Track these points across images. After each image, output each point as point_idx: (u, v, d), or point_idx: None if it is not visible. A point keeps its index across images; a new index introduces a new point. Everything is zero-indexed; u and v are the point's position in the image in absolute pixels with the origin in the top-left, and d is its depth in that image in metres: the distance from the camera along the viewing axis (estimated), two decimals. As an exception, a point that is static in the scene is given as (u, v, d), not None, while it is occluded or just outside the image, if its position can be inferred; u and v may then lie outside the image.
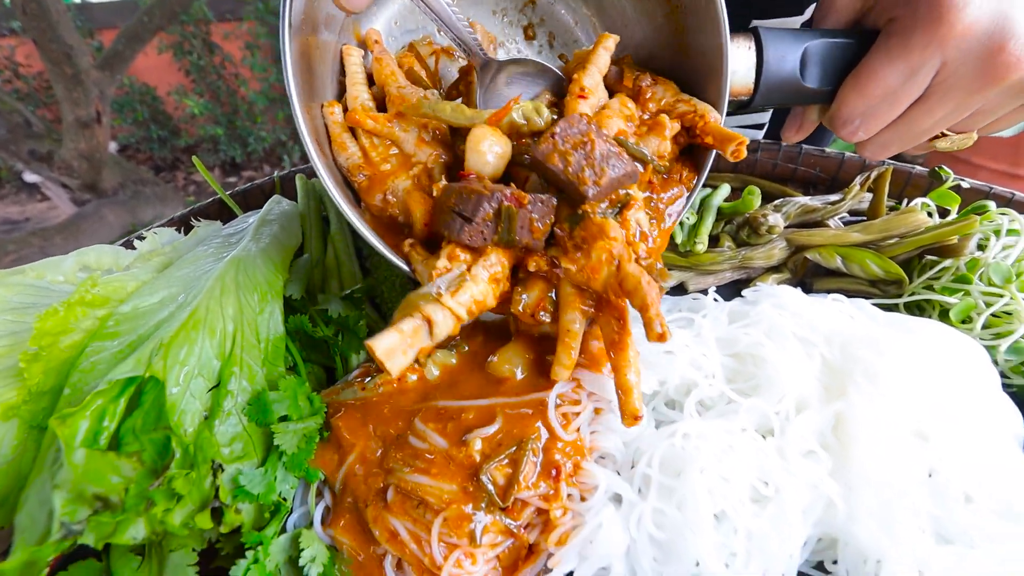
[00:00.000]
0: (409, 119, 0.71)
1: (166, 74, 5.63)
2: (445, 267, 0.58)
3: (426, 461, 0.59)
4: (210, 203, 1.11)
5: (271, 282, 0.79)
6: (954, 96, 0.62)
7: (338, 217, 0.98)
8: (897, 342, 0.70)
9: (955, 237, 0.86)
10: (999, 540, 0.56)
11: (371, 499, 0.58)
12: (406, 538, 0.56)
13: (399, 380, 0.65)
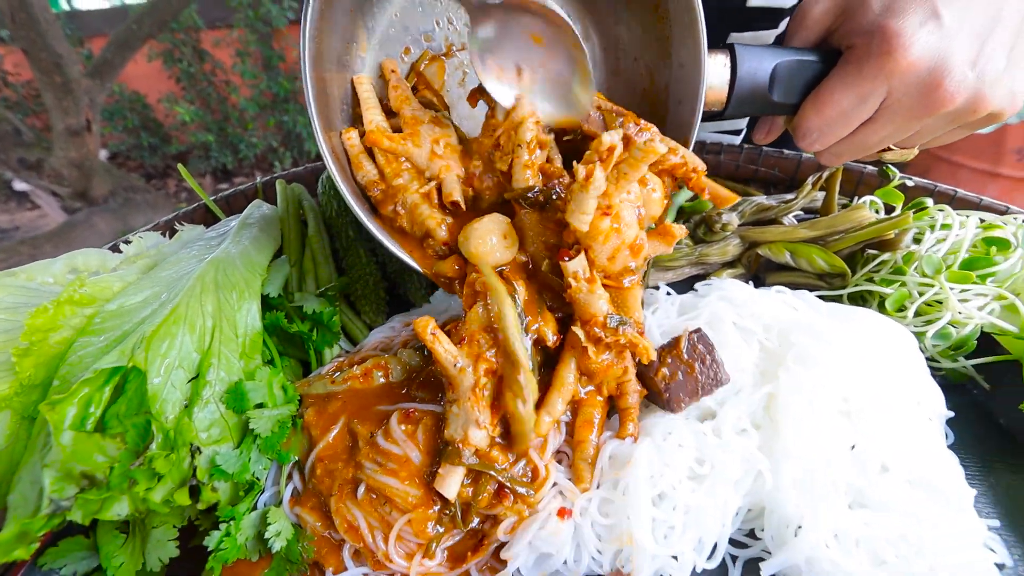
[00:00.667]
0: (421, 136, 0.76)
1: (156, 82, 5.66)
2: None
3: (397, 463, 0.63)
4: (195, 208, 1.15)
5: (249, 281, 0.84)
6: (897, 120, 0.71)
7: (316, 223, 1.03)
8: (830, 329, 0.76)
9: (892, 232, 0.92)
10: (909, 505, 0.61)
11: (336, 489, 0.63)
12: (364, 531, 0.60)
13: (365, 378, 0.70)
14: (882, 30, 0.65)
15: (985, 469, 0.74)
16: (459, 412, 0.61)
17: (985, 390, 0.84)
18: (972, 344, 0.83)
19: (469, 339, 0.63)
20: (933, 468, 0.65)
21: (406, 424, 0.65)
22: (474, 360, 0.62)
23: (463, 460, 0.59)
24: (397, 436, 0.63)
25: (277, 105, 5.85)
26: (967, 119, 0.71)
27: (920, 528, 0.58)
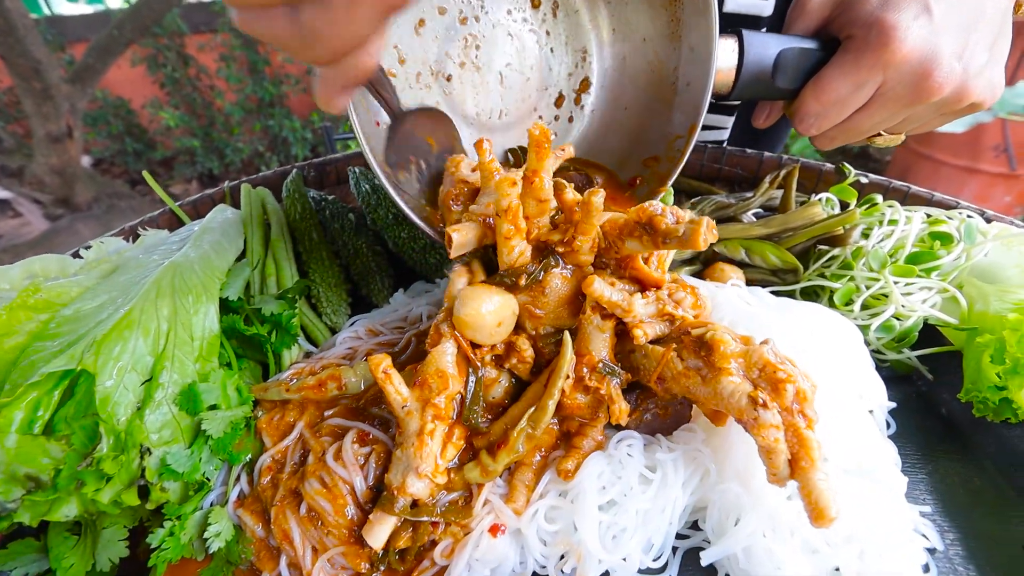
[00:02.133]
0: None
1: (140, 87, 5.63)
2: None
3: (340, 487, 0.61)
4: (160, 214, 1.16)
5: (207, 284, 0.84)
6: (889, 107, 0.75)
7: (279, 226, 1.04)
8: (776, 322, 0.78)
9: (841, 228, 0.94)
10: (845, 494, 0.63)
11: (279, 498, 0.63)
12: (297, 545, 0.60)
13: (318, 388, 0.71)
14: (880, 23, 0.69)
15: (925, 457, 0.76)
16: (402, 457, 0.59)
17: (929, 381, 0.86)
18: (914, 336, 0.85)
19: (422, 382, 0.62)
20: (869, 458, 0.67)
21: (360, 446, 0.65)
22: (423, 404, 0.61)
23: (395, 509, 0.57)
24: (348, 459, 0.62)
25: (263, 110, 5.84)
26: (952, 107, 0.75)
27: (852, 516, 0.60)
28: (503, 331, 0.65)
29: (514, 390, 0.69)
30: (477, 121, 0.91)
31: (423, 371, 0.63)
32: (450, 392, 0.62)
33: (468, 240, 0.68)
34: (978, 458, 0.75)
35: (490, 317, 0.63)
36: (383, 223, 1.03)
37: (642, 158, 0.93)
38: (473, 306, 0.63)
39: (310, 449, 0.65)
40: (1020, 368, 0.72)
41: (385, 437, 0.65)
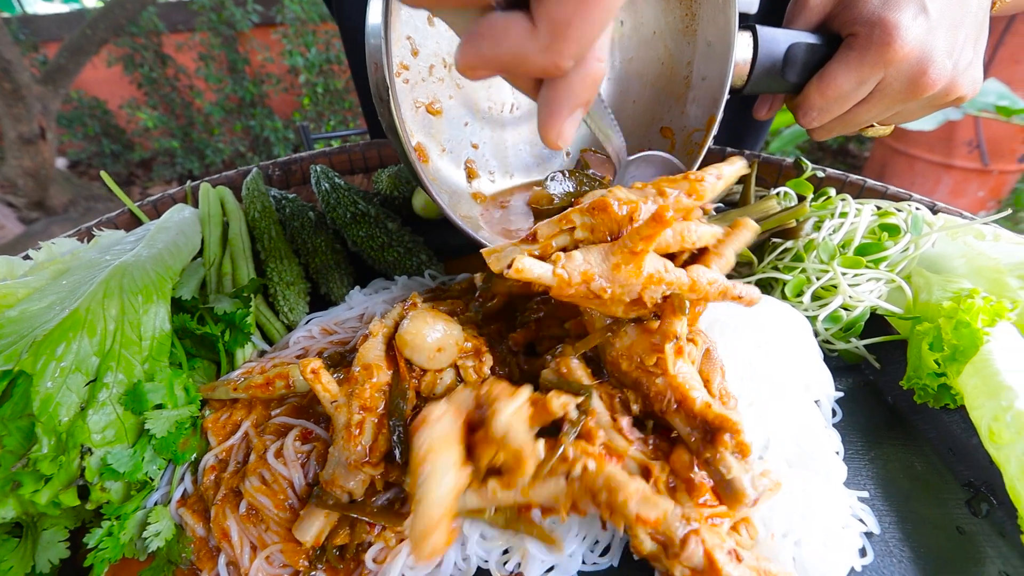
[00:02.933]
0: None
1: (117, 87, 5.55)
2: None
3: (280, 484, 0.61)
4: (119, 214, 1.15)
5: (158, 284, 0.84)
6: (886, 101, 0.79)
7: (238, 225, 1.03)
8: (728, 316, 0.79)
9: (793, 221, 0.96)
10: (789, 484, 0.64)
11: (221, 496, 0.63)
12: (235, 542, 0.60)
13: (266, 387, 0.71)
14: (883, 22, 0.72)
15: (869, 444, 0.77)
16: (334, 452, 0.60)
17: (876, 369, 0.88)
18: (860, 326, 0.87)
19: (349, 377, 0.63)
20: (811, 448, 0.68)
21: (302, 443, 0.65)
22: (348, 397, 0.61)
23: (327, 504, 0.57)
24: (288, 455, 0.62)
25: (243, 109, 5.78)
26: (941, 101, 0.80)
27: (789, 509, 0.61)
28: (443, 358, 0.66)
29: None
30: (489, 115, 0.91)
31: (357, 361, 0.63)
32: (375, 383, 0.62)
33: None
34: (919, 444, 0.77)
35: (430, 339, 0.64)
36: (342, 222, 1.03)
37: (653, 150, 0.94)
38: (416, 326, 0.64)
39: (253, 448, 0.65)
40: (958, 355, 0.74)
41: (327, 435, 0.65)
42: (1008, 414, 0.66)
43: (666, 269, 0.58)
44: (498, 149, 0.93)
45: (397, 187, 1.10)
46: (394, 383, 0.64)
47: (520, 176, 0.96)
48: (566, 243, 0.64)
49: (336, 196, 1.05)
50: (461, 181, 0.88)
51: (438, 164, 0.85)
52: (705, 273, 0.60)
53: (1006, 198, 4.12)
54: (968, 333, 0.73)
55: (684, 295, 0.58)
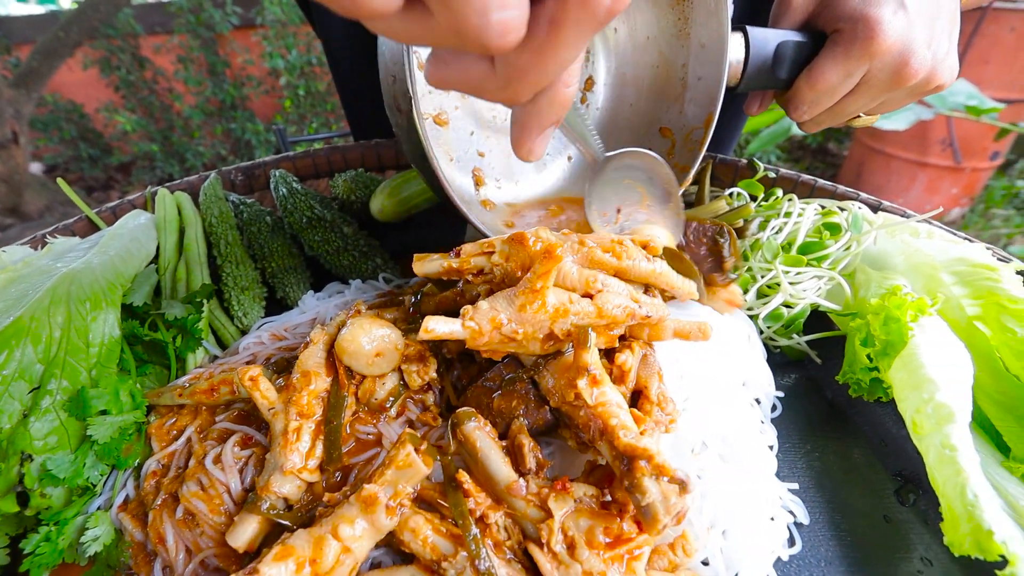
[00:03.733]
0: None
1: (94, 90, 5.47)
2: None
3: (216, 490, 0.62)
4: (76, 221, 1.14)
5: (108, 290, 0.84)
6: (872, 91, 0.83)
7: (194, 230, 1.04)
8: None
9: (740, 220, 0.98)
10: (716, 479, 0.66)
11: (160, 502, 0.63)
12: (171, 545, 0.60)
13: (210, 393, 0.71)
14: (865, 17, 0.76)
15: (806, 438, 0.80)
16: (270, 458, 0.61)
17: (818, 365, 0.90)
18: (799, 324, 0.89)
19: (287, 384, 0.64)
20: (743, 443, 0.70)
21: (242, 449, 0.66)
22: (285, 404, 0.63)
23: (260, 509, 0.58)
24: (227, 461, 0.63)
25: (224, 112, 5.73)
26: (922, 89, 0.83)
27: (719, 498, 0.63)
28: (383, 363, 0.67)
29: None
30: (493, 123, 0.94)
31: (296, 368, 0.64)
32: (313, 390, 0.63)
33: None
34: (855, 436, 0.80)
35: (368, 346, 0.65)
36: (298, 226, 1.04)
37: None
38: (353, 333, 0.65)
39: (193, 454, 0.66)
40: (888, 349, 0.76)
41: (267, 441, 0.66)
42: (929, 406, 0.68)
43: (571, 300, 0.61)
44: (503, 156, 0.96)
45: (354, 191, 1.10)
46: (332, 390, 0.65)
47: (525, 182, 0.99)
48: (482, 264, 0.66)
49: (293, 201, 1.06)
50: (470, 189, 0.91)
51: (448, 173, 0.87)
52: (612, 299, 0.62)
53: (979, 195, 4.21)
54: (896, 328, 0.75)
55: (593, 323, 0.62)
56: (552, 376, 0.64)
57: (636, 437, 0.54)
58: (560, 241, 0.65)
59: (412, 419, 0.70)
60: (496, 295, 0.62)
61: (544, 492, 0.57)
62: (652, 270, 0.68)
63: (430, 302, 0.79)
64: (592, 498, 0.57)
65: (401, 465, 0.56)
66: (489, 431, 0.62)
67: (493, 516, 0.57)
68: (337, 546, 0.53)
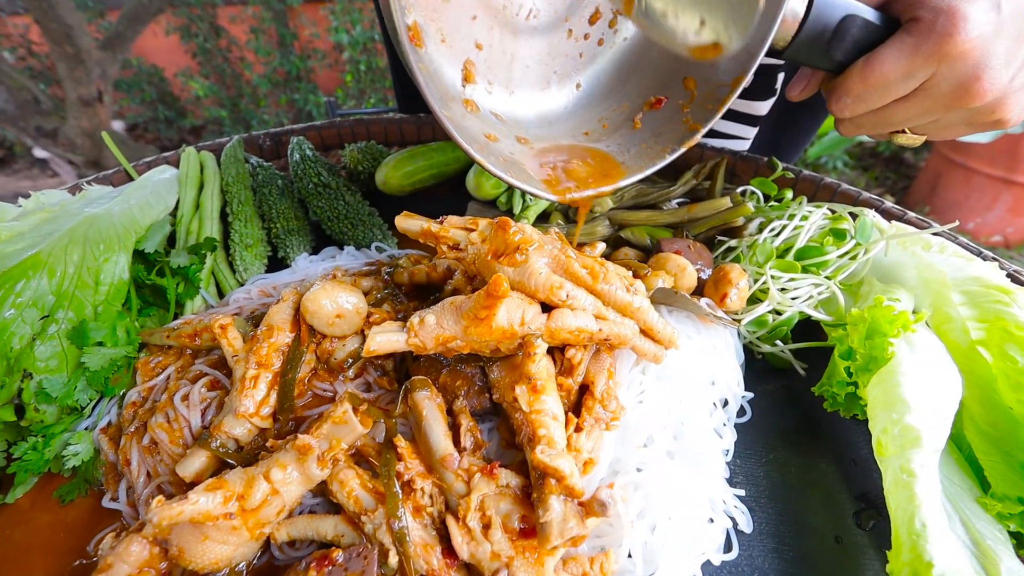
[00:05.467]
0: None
1: (174, 56, 5.83)
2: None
3: (179, 424, 0.67)
4: (115, 172, 1.24)
5: (123, 236, 0.91)
6: (928, 103, 0.71)
7: (211, 187, 1.10)
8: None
9: (739, 220, 0.95)
10: (656, 474, 0.65)
11: (133, 429, 0.69)
12: (134, 468, 0.66)
13: (192, 338, 0.77)
14: (951, 10, 0.64)
15: (770, 446, 0.77)
16: (228, 401, 0.65)
17: (801, 376, 0.86)
18: (784, 331, 0.85)
19: (254, 336, 0.69)
20: (695, 443, 0.69)
21: (208, 391, 0.71)
22: (247, 353, 0.67)
23: (210, 446, 0.62)
24: (193, 400, 0.68)
25: (289, 83, 5.97)
26: (982, 119, 0.72)
27: (654, 491, 0.63)
28: (344, 325, 0.70)
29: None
30: (503, 15, 0.78)
31: (265, 321, 0.68)
32: (274, 342, 0.67)
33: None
34: (822, 451, 0.76)
35: (329, 307, 0.68)
36: (305, 191, 1.09)
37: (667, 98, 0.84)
38: (316, 294, 0.68)
39: (167, 390, 0.71)
40: (871, 364, 0.72)
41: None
42: (896, 427, 0.65)
43: (522, 322, 0.61)
44: (504, 57, 0.81)
45: (362, 162, 1.14)
46: (293, 345, 0.69)
47: (522, 96, 0.84)
48: (460, 239, 0.67)
49: (304, 167, 1.10)
50: (455, 82, 0.77)
51: (433, 54, 0.74)
52: (569, 321, 0.62)
53: (1072, 220, 3.82)
54: (880, 343, 0.71)
55: (548, 341, 0.63)
56: (500, 371, 0.65)
57: (554, 455, 0.55)
58: (541, 240, 0.66)
59: (370, 381, 0.73)
60: (445, 308, 0.63)
61: (473, 470, 0.59)
62: (628, 303, 0.66)
63: (402, 274, 0.81)
64: (519, 488, 0.58)
65: (337, 421, 0.59)
66: (439, 403, 0.64)
67: (420, 482, 0.59)
68: (266, 487, 0.56)
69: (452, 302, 0.62)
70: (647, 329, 0.67)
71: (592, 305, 0.64)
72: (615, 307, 0.65)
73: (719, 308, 0.81)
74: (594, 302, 0.64)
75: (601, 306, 0.64)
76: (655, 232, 1.01)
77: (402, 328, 0.63)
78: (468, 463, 0.59)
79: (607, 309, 0.65)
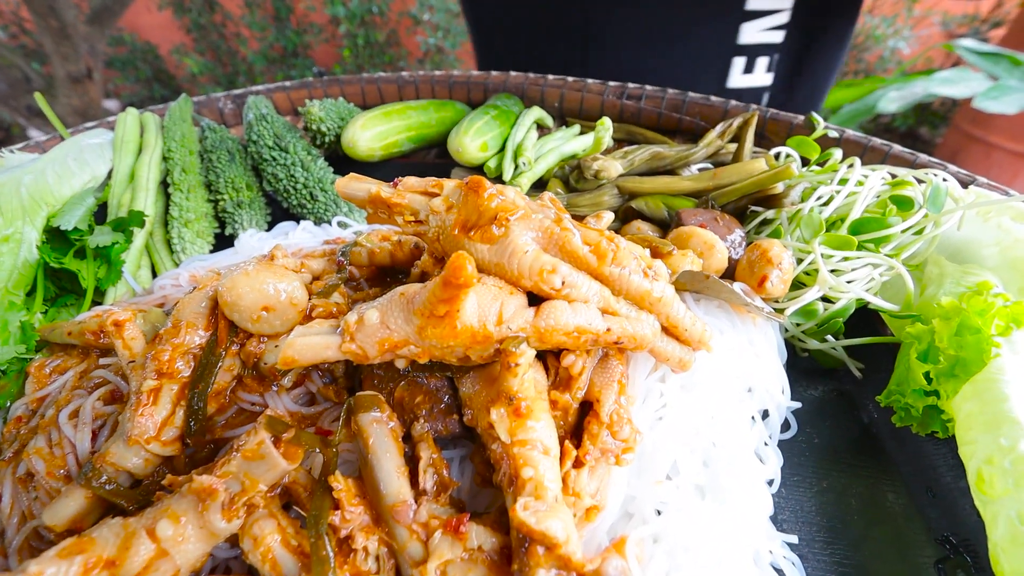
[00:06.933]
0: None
1: (168, 32, 5.64)
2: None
3: (59, 451, 0.53)
4: (50, 139, 1.08)
5: (29, 210, 0.76)
6: None
7: (150, 154, 0.94)
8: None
9: (777, 186, 0.77)
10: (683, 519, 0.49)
11: (11, 453, 0.54)
12: (4, 506, 0.52)
13: (97, 335, 0.61)
14: None
15: (823, 471, 0.61)
16: (121, 421, 0.50)
17: (857, 378, 0.70)
18: (838, 324, 0.68)
19: (156, 336, 0.53)
20: (733, 471, 0.53)
21: (105, 405, 0.55)
22: (145, 357, 0.52)
23: (91, 484, 0.47)
24: (84, 417, 0.53)
25: (286, 60, 5.77)
26: None
27: (685, 545, 0.47)
28: (274, 320, 0.53)
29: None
30: None
31: (172, 318, 0.53)
32: (180, 343, 0.51)
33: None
34: (890, 478, 0.60)
35: (250, 297, 0.51)
36: (259, 157, 0.92)
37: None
38: (236, 280, 0.51)
39: (56, 403, 0.56)
40: (958, 368, 0.56)
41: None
42: (1007, 458, 0.48)
43: (499, 320, 0.44)
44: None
45: (325, 121, 0.97)
46: (207, 347, 0.53)
47: None
48: (419, 207, 0.51)
49: (259, 128, 0.94)
50: None
51: None
52: (565, 318, 0.45)
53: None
54: (974, 342, 0.54)
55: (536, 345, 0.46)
56: (473, 384, 0.49)
57: (543, 513, 0.39)
58: (527, 208, 0.49)
59: (313, 392, 0.57)
60: (392, 302, 0.46)
61: (433, 525, 0.43)
62: (647, 291, 0.49)
63: (360, 254, 0.65)
64: (495, 551, 0.42)
65: (250, 455, 0.43)
66: (392, 428, 0.48)
67: (362, 540, 0.43)
68: (150, 547, 0.41)
69: (402, 293, 0.46)
70: (670, 326, 0.50)
71: (597, 295, 0.47)
72: (629, 297, 0.49)
73: (757, 295, 0.64)
74: (600, 291, 0.47)
75: (610, 296, 0.48)
76: (673, 202, 0.84)
77: (336, 328, 0.47)
78: (427, 514, 0.43)
79: (618, 300, 0.48)
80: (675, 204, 0.84)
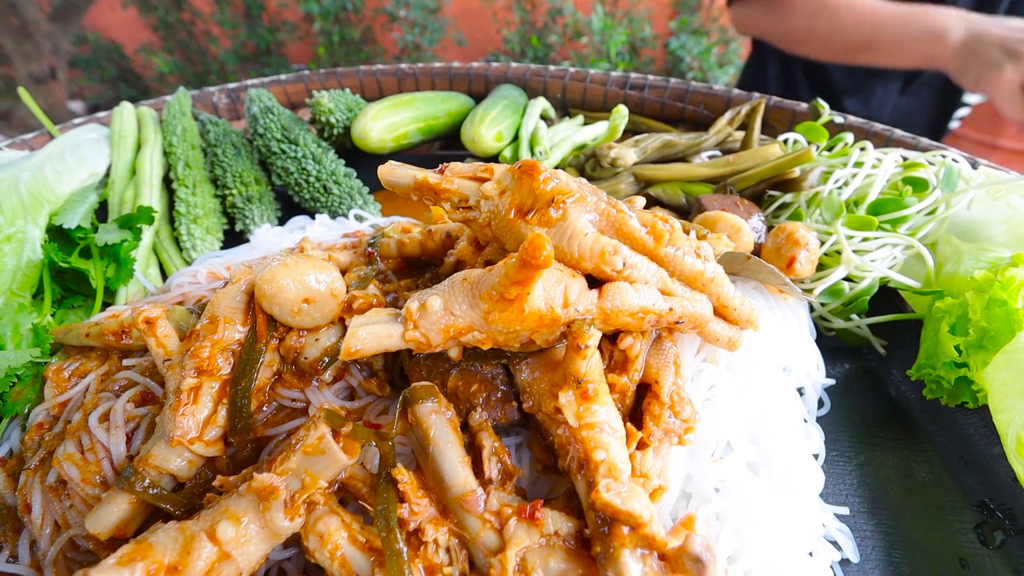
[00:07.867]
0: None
1: (133, 31, 5.45)
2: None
3: (95, 453, 0.51)
4: (37, 136, 1.03)
5: (31, 209, 0.72)
6: None
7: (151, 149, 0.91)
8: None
9: (795, 170, 0.78)
10: (741, 496, 0.49)
11: (37, 461, 0.52)
12: (36, 516, 0.49)
13: (118, 336, 0.59)
14: None
15: (860, 445, 0.62)
16: (159, 422, 0.48)
17: (881, 355, 0.71)
18: (864, 302, 0.70)
19: (192, 332, 0.51)
20: (779, 448, 0.53)
21: (137, 407, 0.53)
22: (182, 355, 0.50)
23: (132, 488, 0.45)
24: (115, 420, 0.51)
25: (259, 57, 5.64)
26: None
27: (745, 522, 0.47)
28: (315, 312, 0.52)
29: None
30: None
31: (207, 313, 0.51)
32: (219, 339, 0.49)
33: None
34: (924, 449, 0.62)
35: (293, 288, 0.50)
36: (266, 151, 0.90)
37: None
38: (276, 272, 0.49)
39: (83, 407, 0.54)
40: (987, 340, 0.57)
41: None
42: (1045, 422, 0.50)
43: (565, 302, 0.44)
44: None
45: (334, 112, 0.95)
46: (247, 342, 0.51)
47: None
48: (469, 193, 0.50)
49: (264, 121, 0.91)
50: None
51: None
52: (630, 299, 0.45)
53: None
54: (1003, 313, 0.56)
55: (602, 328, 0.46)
56: (532, 370, 0.48)
57: (627, 494, 0.38)
58: (582, 191, 0.49)
59: (354, 386, 0.56)
60: (455, 287, 0.45)
61: (507, 513, 0.42)
62: (700, 272, 0.49)
63: (389, 245, 0.64)
64: (571, 535, 0.42)
65: (311, 451, 0.42)
66: (450, 417, 0.47)
67: (432, 532, 0.42)
68: (212, 550, 0.39)
69: (465, 278, 0.45)
70: (720, 306, 0.51)
71: (656, 276, 0.47)
72: (681, 278, 0.49)
73: (786, 276, 0.65)
74: (657, 271, 0.47)
75: (667, 276, 0.48)
76: (690, 189, 0.85)
77: (395, 317, 0.45)
78: (498, 502, 0.42)
79: (674, 281, 0.48)
80: (692, 191, 0.84)
